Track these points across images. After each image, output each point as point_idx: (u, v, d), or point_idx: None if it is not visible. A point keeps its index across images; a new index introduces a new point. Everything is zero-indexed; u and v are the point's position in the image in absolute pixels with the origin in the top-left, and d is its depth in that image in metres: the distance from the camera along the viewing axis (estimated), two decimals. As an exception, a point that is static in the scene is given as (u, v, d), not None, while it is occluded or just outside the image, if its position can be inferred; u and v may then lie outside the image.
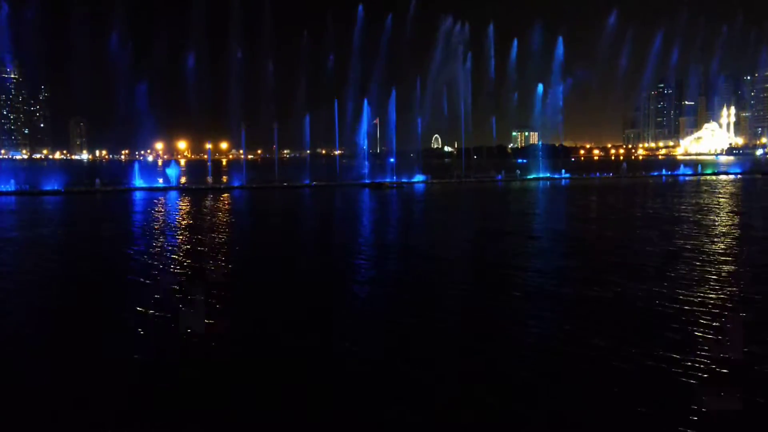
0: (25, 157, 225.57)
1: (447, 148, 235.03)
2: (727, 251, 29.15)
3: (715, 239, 32.81)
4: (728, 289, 21.03)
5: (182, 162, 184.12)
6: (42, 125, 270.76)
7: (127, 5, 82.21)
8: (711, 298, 19.57)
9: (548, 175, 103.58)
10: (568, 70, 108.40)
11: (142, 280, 23.54)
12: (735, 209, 50.75)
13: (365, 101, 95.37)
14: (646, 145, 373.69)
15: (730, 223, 41.53)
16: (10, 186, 76.27)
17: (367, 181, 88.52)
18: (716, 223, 40.31)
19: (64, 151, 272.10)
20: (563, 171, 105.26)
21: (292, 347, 15.82)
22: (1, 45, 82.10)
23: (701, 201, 57.97)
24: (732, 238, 33.97)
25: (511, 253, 29.77)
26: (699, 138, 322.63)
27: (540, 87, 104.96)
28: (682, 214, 46.35)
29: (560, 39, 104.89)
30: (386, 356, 15.13)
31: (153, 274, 24.64)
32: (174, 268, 26.11)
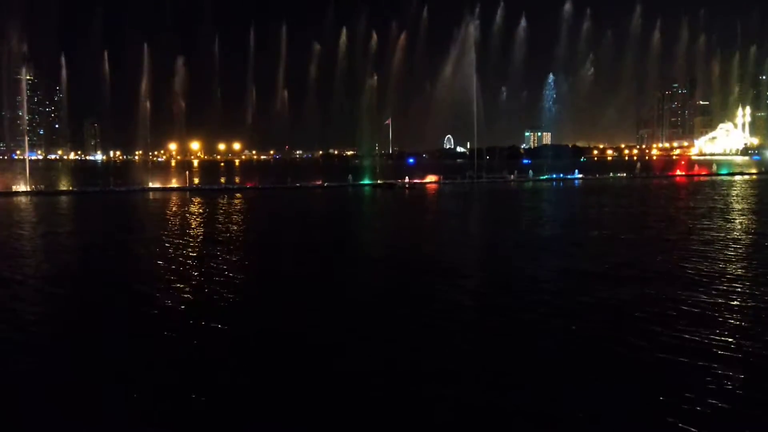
0: (41, 157, 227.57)
1: (459, 149, 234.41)
2: None
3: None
4: None
5: (195, 163, 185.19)
6: (57, 126, 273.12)
7: (141, 6, 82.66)
8: None
9: (561, 175, 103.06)
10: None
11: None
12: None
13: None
14: (660, 145, 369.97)
15: None
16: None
17: (378, 181, 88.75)
18: None
19: (79, 152, 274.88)
20: (576, 171, 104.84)
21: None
22: (17, 46, 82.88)
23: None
24: None
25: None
26: (714, 138, 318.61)
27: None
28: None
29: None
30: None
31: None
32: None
